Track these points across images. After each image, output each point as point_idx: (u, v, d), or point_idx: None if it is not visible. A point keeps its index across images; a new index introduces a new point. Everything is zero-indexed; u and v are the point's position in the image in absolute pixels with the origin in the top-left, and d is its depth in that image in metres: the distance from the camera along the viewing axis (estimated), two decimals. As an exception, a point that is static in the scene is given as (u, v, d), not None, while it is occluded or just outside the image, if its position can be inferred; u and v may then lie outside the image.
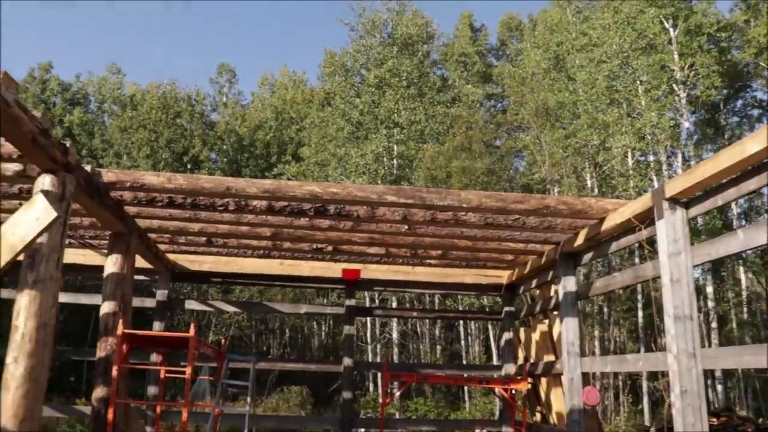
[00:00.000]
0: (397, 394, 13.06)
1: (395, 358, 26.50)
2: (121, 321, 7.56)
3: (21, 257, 5.34)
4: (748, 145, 4.84)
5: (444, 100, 32.85)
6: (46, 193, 5.33)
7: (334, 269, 10.78)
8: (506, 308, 11.47)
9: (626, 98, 24.33)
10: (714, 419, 11.37)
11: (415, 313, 20.43)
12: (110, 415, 7.25)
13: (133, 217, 8.00)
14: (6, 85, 4.54)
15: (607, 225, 7.17)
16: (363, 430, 16.57)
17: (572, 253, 8.43)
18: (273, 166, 35.68)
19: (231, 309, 14.89)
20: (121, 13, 73.68)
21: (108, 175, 6.78)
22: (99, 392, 7.59)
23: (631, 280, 7.56)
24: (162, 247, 9.95)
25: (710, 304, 23.47)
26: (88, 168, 6.44)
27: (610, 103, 24.61)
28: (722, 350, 6.36)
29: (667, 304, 5.93)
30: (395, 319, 26.87)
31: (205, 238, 9.29)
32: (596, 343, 24.47)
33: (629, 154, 24.39)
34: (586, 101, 25.04)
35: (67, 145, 5.70)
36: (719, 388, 22.76)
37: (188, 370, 7.49)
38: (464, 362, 26.74)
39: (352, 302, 11.38)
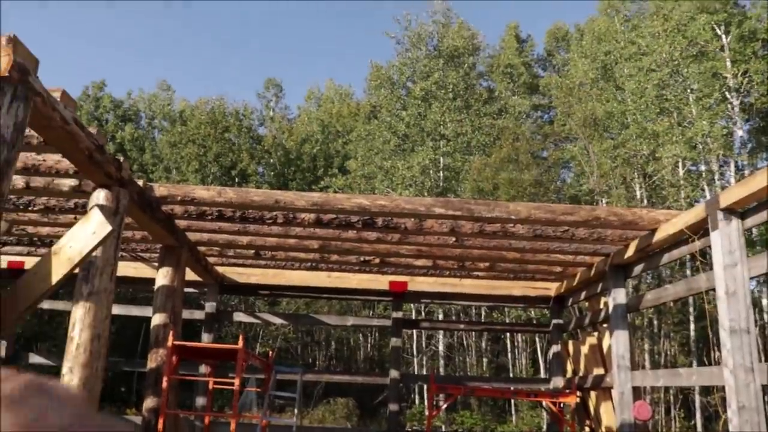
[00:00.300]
0: (444, 406, 12.94)
1: (441, 370, 26.34)
2: (171, 333, 7.68)
3: (76, 270, 5.48)
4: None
5: (490, 111, 32.70)
6: (101, 208, 5.46)
7: (381, 281, 10.80)
8: (554, 321, 11.33)
9: (677, 107, 23.88)
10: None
11: (461, 326, 20.32)
12: (160, 426, 7.36)
13: (184, 230, 8.14)
14: (65, 103, 4.67)
15: (658, 236, 7.03)
16: (410, 443, 16.52)
17: (622, 265, 8.29)
18: (320, 179, 35.96)
19: (278, 321, 15.00)
20: (170, 30, 75.34)
21: (160, 190, 6.92)
22: (149, 403, 7.72)
23: (684, 293, 7.40)
24: (211, 259, 10.10)
25: (766, 317, 22.81)
26: (140, 183, 6.58)
27: (659, 112, 24.19)
28: (781, 365, 6.16)
29: (723, 317, 5.77)
30: (441, 332, 26.74)
31: (253, 251, 9.40)
32: (646, 356, 23.95)
33: (680, 164, 23.91)
34: (635, 111, 24.64)
35: (121, 160, 5.84)
36: (777, 404, 22.06)
37: (236, 381, 7.58)
38: (511, 375, 26.44)
39: (398, 314, 11.37)
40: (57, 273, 4.76)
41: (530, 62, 39.71)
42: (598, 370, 9.73)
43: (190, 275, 9.69)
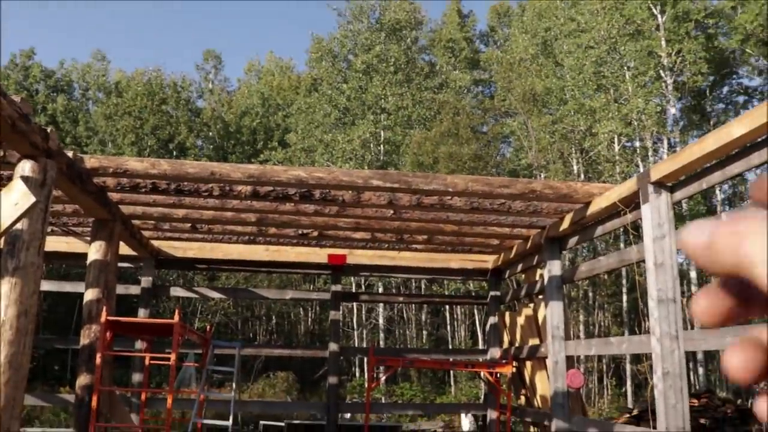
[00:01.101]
0: (383, 378, 13.11)
1: (381, 343, 26.57)
2: (104, 308, 7.52)
3: (0, 244, 5.29)
4: (734, 129, 4.84)
5: (431, 85, 32.78)
6: (26, 179, 5.26)
7: (319, 254, 10.76)
8: (492, 293, 11.50)
9: (613, 84, 24.37)
10: (695, 401, 11.49)
11: (401, 298, 20.45)
12: (94, 403, 7.22)
13: (117, 203, 7.93)
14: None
15: (592, 209, 7.18)
16: (349, 414, 16.64)
17: (558, 238, 8.45)
18: (259, 153, 35.58)
19: (216, 296, 14.86)
20: (105, -3, 72.92)
21: (90, 161, 6.71)
22: (83, 380, 7.55)
23: (616, 264, 7.59)
24: (146, 233, 9.89)
25: (693, 288, 23.67)
26: (69, 154, 6.37)
27: (597, 88, 24.66)
28: (704, 332, 6.40)
29: (651, 287, 5.95)
30: (381, 305, 26.93)
31: (189, 225, 9.24)
32: (581, 327, 24.63)
33: (615, 140, 24.47)
34: (574, 87, 25.06)
35: (48, 130, 5.63)
36: (701, 370, 23.01)
37: (173, 356, 7.48)
38: (450, 347, 26.85)
39: (338, 288, 11.36)
40: (-22, 246, 4.58)
41: (472, 37, 39.90)
42: (534, 341, 9.94)
43: (125, 250, 9.47)
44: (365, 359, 21.92)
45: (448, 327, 28.92)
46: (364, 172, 6.87)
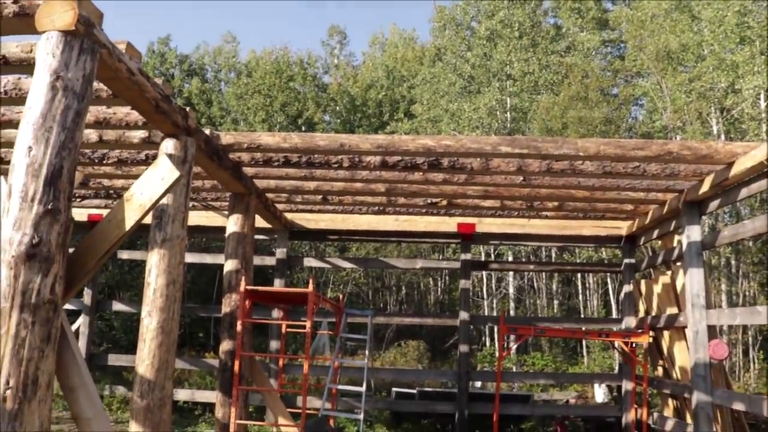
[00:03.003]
0: (514, 347, 13.07)
1: (511, 312, 26.33)
2: (243, 278, 7.89)
3: (149, 219, 5.66)
4: None
5: (558, 49, 31.75)
6: (170, 156, 5.60)
7: (449, 224, 10.79)
8: (626, 260, 11.13)
9: (759, 35, 22.62)
10: None
11: (531, 267, 20.15)
12: (236, 367, 7.62)
13: (252, 177, 8.27)
14: (130, 55, 4.76)
15: (736, 170, 6.76)
16: (480, 383, 16.66)
17: (697, 201, 8.04)
18: (386, 125, 35.88)
19: (348, 266, 15.20)
20: (233, -20, 75.17)
21: (226, 138, 7.03)
22: (225, 346, 7.99)
23: (763, 228, 7.11)
24: (279, 206, 10.26)
25: None
26: (207, 131, 6.69)
27: (740, 41, 22.99)
28: None
29: (804, 252, 5.55)
30: (511, 274, 26.66)
31: (320, 196, 9.50)
32: (723, 297, 23.34)
33: (762, 96, 22.81)
34: (713, 41, 23.52)
35: (187, 110, 5.94)
36: None
37: (308, 324, 7.75)
38: (582, 316, 26.24)
39: (467, 256, 11.37)
40: (130, 219, 4.93)
41: (599, -4, 38.23)
42: (672, 310, 9.56)
43: (261, 223, 9.88)
44: (496, 328, 21.84)
45: (580, 296, 28.25)
46: (492, 138, 6.78)
